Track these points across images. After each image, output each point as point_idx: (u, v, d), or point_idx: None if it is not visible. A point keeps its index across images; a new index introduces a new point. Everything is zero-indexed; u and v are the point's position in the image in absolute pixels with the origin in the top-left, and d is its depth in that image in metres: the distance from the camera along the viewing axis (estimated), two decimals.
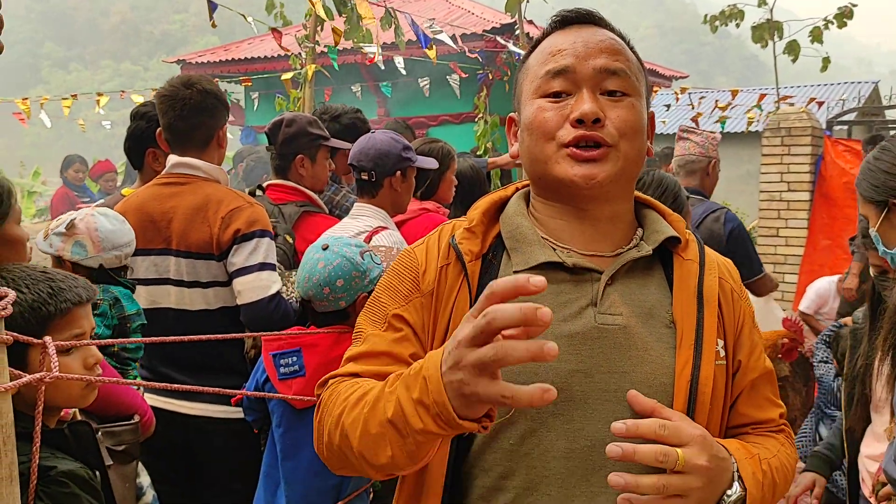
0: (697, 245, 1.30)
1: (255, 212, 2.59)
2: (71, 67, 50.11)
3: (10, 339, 1.11)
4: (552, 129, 1.21)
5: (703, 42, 59.09)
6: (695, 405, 1.18)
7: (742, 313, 1.31)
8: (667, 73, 13.95)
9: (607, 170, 1.20)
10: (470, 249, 1.26)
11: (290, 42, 6.31)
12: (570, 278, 1.23)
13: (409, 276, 1.28)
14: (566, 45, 1.23)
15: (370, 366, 1.22)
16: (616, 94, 1.22)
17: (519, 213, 1.30)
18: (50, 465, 1.25)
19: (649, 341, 1.20)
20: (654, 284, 1.26)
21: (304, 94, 4.99)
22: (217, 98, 2.71)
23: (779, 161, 7.00)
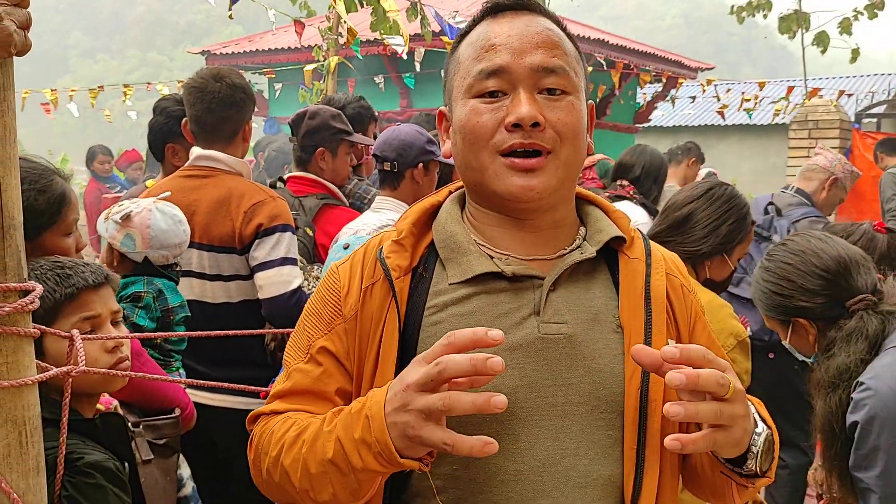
0: (643, 242, 1.23)
1: (277, 206, 2.60)
2: (97, 57, 50.63)
3: (37, 333, 1.13)
4: (487, 134, 1.13)
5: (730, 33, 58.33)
6: (646, 413, 1.12)
7: (694, 308, 1.25)
8: (692, 64, 13.79)
9: (545, 180, 1.13)
10: (398, 264, 1.17)
11: (314, 33, 6.33)
12: (509, 287, 1.16)
13: (332, 300, 1.21)
14: (500, 40, 1.14)
15: (295, 405, 1.19)
16: (555, 92, 1.14)
17: (452, 220, 1.22)
18: (77, 456, 1.28)
19: (596, 349, 1.14)
20: (599, 287, 1.19)
21: (327, 86, 5.00)
22: (245, 92, 2.73)
23: (806, 154, 6.91)
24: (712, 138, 17.36)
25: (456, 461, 1.11)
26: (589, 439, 1.12)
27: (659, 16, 68.58)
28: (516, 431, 1.10)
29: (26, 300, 1.09)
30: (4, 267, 1.07)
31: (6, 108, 1.05)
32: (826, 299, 1.92)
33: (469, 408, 0.92)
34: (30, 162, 1.80)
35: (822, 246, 1.97)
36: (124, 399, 1.97)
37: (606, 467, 1.12)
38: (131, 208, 2.30)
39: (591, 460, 1.11)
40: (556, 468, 1.10)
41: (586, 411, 1.12)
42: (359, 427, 1.01)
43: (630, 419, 1.12)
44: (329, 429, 1.06)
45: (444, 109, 1.26)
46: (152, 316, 2.29)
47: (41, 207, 1.74)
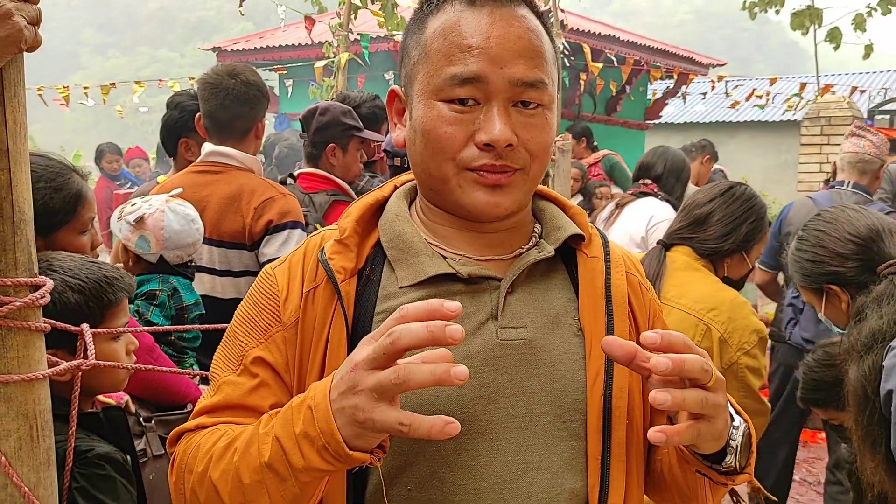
0: (601, 240, 1.17)
1: (287, 203, 2.61)
2: (109, 54, 50.86)
3: (47, 328, 1.14)
4: (454, 147, 1.04)
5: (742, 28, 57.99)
6: (610, 420, 1.06)
7: (652, 307, 1.19)
8: (703, 60, 13.73)
9: (512, 197, 1.06)
10: (343, 266, 1.07)
11: (324, 29, 6.34)
12: (465, 289, 1.07)
13: (269, 306, 1.10)
14: (477, 40, 1.02)
15: (224, 419, 1.07)
16: (530, 105, 1.05)
17: (400, 217, 1.12)
18: (87, 448, 1.29)
19: (556, 355, 1.07)
20: (558, 288, 1.12)
21: (337, 82, 5.01)
22: (259, 90, 2.73)
23: (818, 151, 6.87)
24: (723, 135, 17.27)
25: (411, 481, 1.03)
26: (552, 451, 1.06)
27: (670, 11, 68.26)
28: (475, 447, 1.03)
29: (37, 295, 1.10)
30: (15, 262, 1.08)
31: (17, 103, 1.06)
32: (858, 264, 1.96)
33: (427, 378, 0.81)
34: (48, 159, 1.80)
35: (856, 215, 2.02)
36: (137, 394, 1.98)
37: (570, 480, 1.06)
38: (144, 210, 2.31)
39: (555, 473, 1.05)
40: (518, 483, 1.04)
41: (549, 421, 1.06)
42: (300, 420, 0.90)
43: (593, 427, 1.06)
44: (265, 430, 0.95)
45: (397, 89, 1.14)
46: (167, 314, 2.30)
47: (57, 205, 1.75)
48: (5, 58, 1.01)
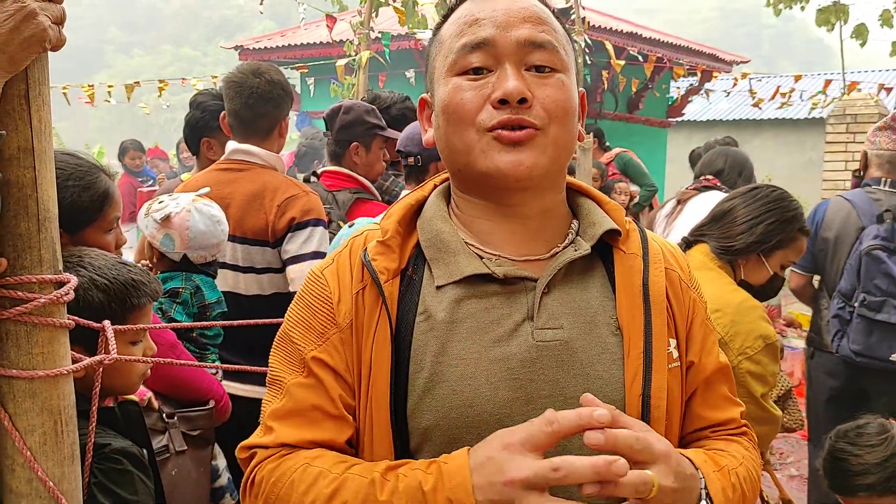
0: (640, 235, 1.16)
1: (310, 200, 2.63)
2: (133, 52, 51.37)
3: (71, 324, 1.15)
4: (472, 112, 1.06)
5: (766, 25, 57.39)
6: (648, 419, 1.06)
7: (692, 304, 1.17)
8: (727, 57, 13.59)
9: (534, 156, 1.05)
10: (385, 267, 1.10)
11: (346, 28, 6.35)
12: (501, 290, 1.08)
13: (323, 308, 1.12)
14: (484, 14, 1.08)
15: (299, 429, 1.09)
16: (544, 69, 1.07)
17: (438, 217, 1.14)
18: (104, 443, 1.30)
19: (594, 355, 1.07)
20: (595, 286, 1.12)
21: (358, 80, 5.02)
22: (283, 89, 2.75)
23: (843, 149, 6.78)
24: (747, 133, 17.10)
25: None
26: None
27: (694, 8, 67.69)
28: None
29: (61, 291, 1.11)
30: (40, 259, 1.09)
31: (41, 102, 1.07)
32: None
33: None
34: (77, 158, 1.83)
35: None
36: (159, 390, 2.00)
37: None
38: (171, 208, 2.33)
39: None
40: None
41: None
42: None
43: None
44: (387, 499, 0.97)
45: (425, 96, 1.19)
46: (189, 311, 2.32)
47: (84, 204, 1.77)
48: (30, 57, 1.02)
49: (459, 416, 1.04)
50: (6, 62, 0.98)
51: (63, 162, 1.76)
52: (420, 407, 1.06)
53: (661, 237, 1.26)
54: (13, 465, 1.11)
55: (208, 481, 2.05)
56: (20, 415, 1.10)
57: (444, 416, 1.04)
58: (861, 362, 3.26)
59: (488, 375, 1.05)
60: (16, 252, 1.08)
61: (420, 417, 1.06)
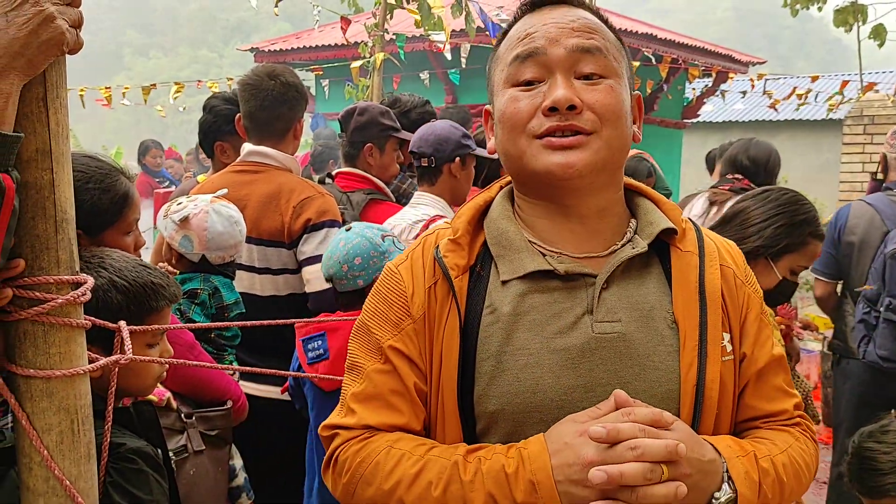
0: (696, 234, 1.22)
1: (325, 202, 2.64)
2: (151, 54, 51.77)
3: (88, 324, 1.16)
4: (524, 119, 1.14)
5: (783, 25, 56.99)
6: (701, 409, 1.13)
7: (746, 300, 1.23)
8: (743, 58, 13.50)
9: (586, 157, 1.12)
10: (456, 263, 1.18)
11: (360, 30, 6.37)
12: (562, 286, 1.16)
13: (398, 301, 1.21)
14: (536, 28, 1.16)
15: (378, 412, 1.18)
16: (592, 77, 1.14)
17: (503, 217, 1.22)
18: (120, 442, 1.31)
19: (650, 346, 1.14)
20: (652, 282, 1.18)
21: (373, 82, 5.04)
22: (298, 91, 2.77)
23: (861, 150, 6.74)
24: (763, 134, 16.91)
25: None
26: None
27: (709, 9, 67.31)
28: None
29: (78, 292, 1.13)
30: (57, 260, 1.10)
31: (59, 105, 1.08)
32: None
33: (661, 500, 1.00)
34: (97, 161, 1.84)
35: None
36: (178, 391, 2.01)
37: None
38: (189, 210, 2.34)
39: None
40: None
41: None
42: (520, 490, 1.04)
43: (685, 416, 1.12)
44: (470, 479, 1.07)
45: (488, 108, 1.28)
46: (207, 312, 2.33)
47: (104, 206, 1.78)
48: (48, 60, 1.03)
49: (523, 402, 1.12)
50: (24, 65, 1.00)
51: (83, 164, 1.77)
52: (487, 393, 1.14)
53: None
54: (30, 463, 1.12)
55: (226, 481, 2.06)
56: (37, 414, 1.11)
57: (509, 401, 1.12)
58: (888, 368, 3.22)
59: (550, 364, 1.12)
60: (34, 253, 1.09)
61: (487, 403, 1.14)
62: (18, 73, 0.99)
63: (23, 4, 0.98)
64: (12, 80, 0.99)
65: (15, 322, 1.10)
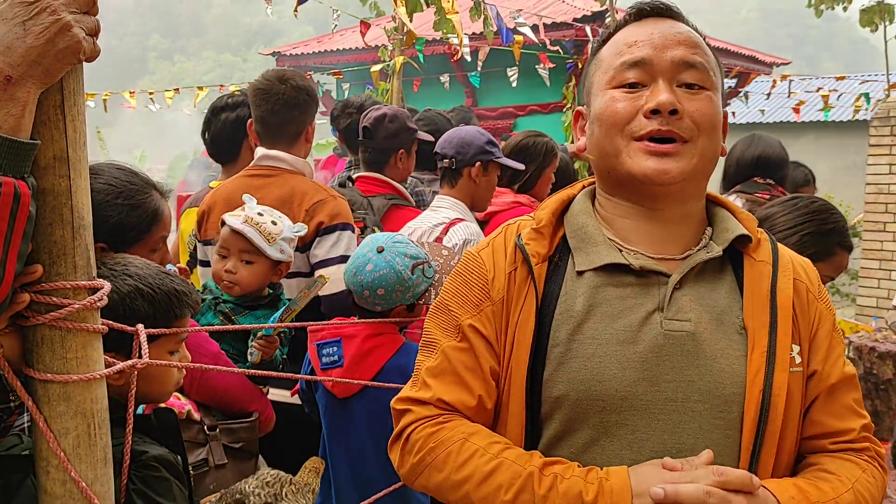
0: (770, 245, 1.25)
1: (338, 205, 2.64)
2: (175, 59, 52.32)
3: (104, 329, 1.17)
4: (624, 119, 1.18)
5: (809, 25, 56.32)
6: (767, 415, 1.14)
7: (818, 316, 1.24)
8: (767, 59, 13.37)
9: (682, 165, 1.16)
10: (537, 251, 1.24)
11: (381, 33, 6.39)
12: (636, 282, 1.19)
13: (478, 283, 1.27)
14: (642, 37, 1.20)
15: (451, 387, 1.23)
16: (694, 86, 1.18)
17: (584, 212, 1.27)
18: (142, 450, 1.32)
19: (718, 349, 1.16)
20: (724, 287, 1.21)
21: (392, 86, 5.05)
22: (308, 94, 2.77)
23: (888, 152, 6.62)
24: (788, 136, 16.74)
25: (575, 444, 1.17)
26: (706, 437, 1.14)
27: (734, 9, 66.71)
28: (634, 422, 1.14)
29: (95, 297, 1.14)
30: (75, 266, 1.12)
31: (76, 112, 1.09)
32: None
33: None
34: (130, 175, 1.79)
35: None
36: (202, 401, 1.99)
37: (722, 464, 1.12)
38: (285, 222, 2.35)
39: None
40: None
41: (705, 409, 1.14)
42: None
43: (750, 420, 1.14)
44: (544, 493, 1.10)
45: (580, 109, 1.31)
46: None
47: (132, 223, 1.75)
48: (65, 69, 1.04)
49: (587, 389, 1.15)
50: (41, 74, 1.01)
51: (115, 178, 1.74)
52: (554, 377, 1.18)
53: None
54: (48, 466, 1.13)
55: None
56: (55, 417, 1.13)
57: (574, 388, 1.16)
58: None
59: (617, 356, 1.15)
60: (51, 259, 1.10)
61: (553, 387, 1.18)
62: (35, 81, 1.01)
63: (40, 14, 0.99)
64: (29, 89, 1.00)
65: (33, 327, 1.11)
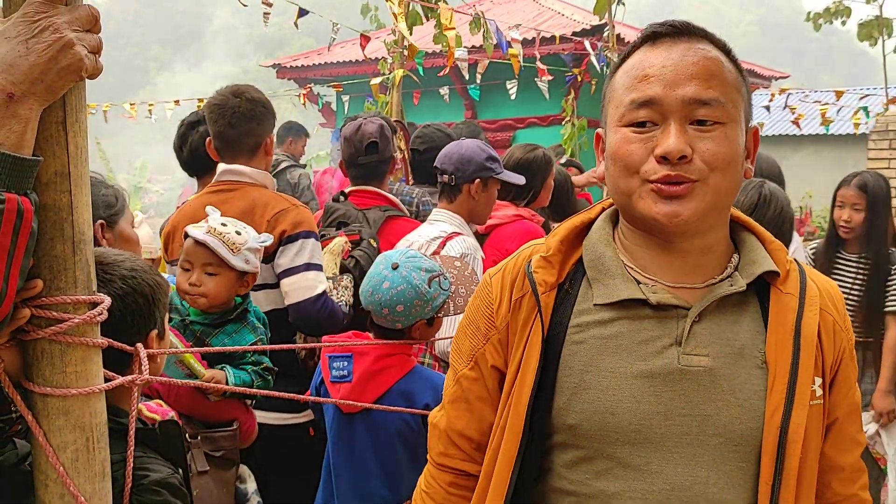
0: (799, 275, 1.21)
1: (300, 213, 2.64)
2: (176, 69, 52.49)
3: (104, 343, 1.18)
4: (636, 162, 1.15)
5: (808, 39, 56.53)
6: (784, 452, 1.13)
7: (842, 347, 1.22)
8: (766, 73, 13.43)
9: (692, 207, 1.12)
10: (544, 280, 1.22)
11: (380, 46, 6.42)
12: (653, 314, 1.17)
13: (486, 312, 1.28)
14: (654, 70, 1.14)
15: (463, 414, 1.29)
16: (706, 123, 1.13)
17: (603, 241, 1.24)
18: (143, 473, 1.30)
19: (737, 384, 1.15)
20: (747, 321, 1.18)
21: (392, 98, 5.07)
22: (264, 106, 2.77)
23: (886, 166, 6.64)
24: (786, 149, 16.81)
25: (589, 471, 1.17)
26: (720, 470, 1.14)
27: (733, 22, 66.97)
28: (648, 454, 1.14)
29: (95, 312, 1.14)
30: (75, 280, 1.12)
31: (78, 128, 1.11)
32: None
33: None
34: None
35: None
36: (182, 411, 2.01)
37: (736, 499, 1.14)
38: (250, 233, 2.35)
39: (721, 489, 1.14)
40: (686, 493, 1.13)
41: (720, 443, 1.14)
42: None
43: (768, 455, 1.13)
44: None
45: (600, 132, 1.29)
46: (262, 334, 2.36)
47: (111, 200, 1.89)
48: (67, 86, 1.06)
49: (601, 420, 1.15)
50: (44, 91, 1.02)
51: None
52: (567, 407, 1.18)
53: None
54: (46, 480, 1.13)
55: (233, 502, 2.06)
56: (54, 431, 1.13)
57: (587, 418, 1.16)
58: None
59: (632, 389, 1.15)
60: (51, 273, 1.11)
61: (566, 416, 1.18)
62: (38, 98, 1.02)
63: (43, 32, 1.01)
64: (31, 106, 1.01)
65: (33, 341, 1.12)
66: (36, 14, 1.01)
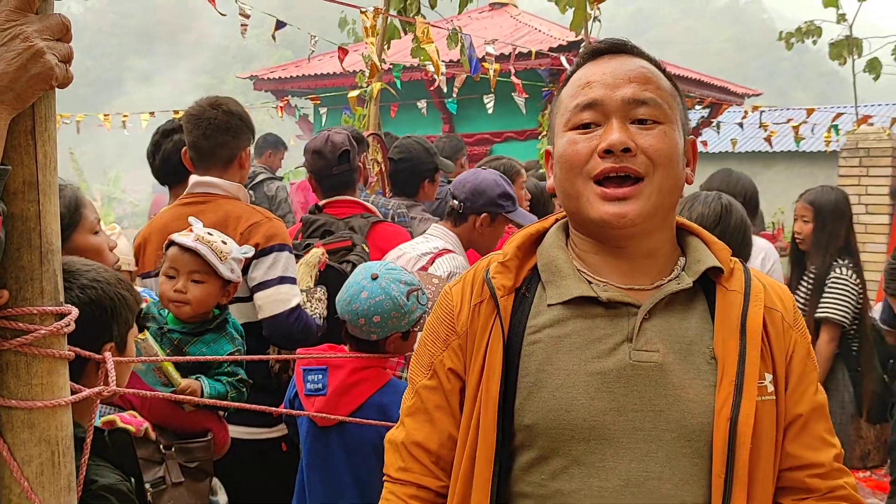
0: (743, 274, 1.26)
1: (273, 226, 2.63)
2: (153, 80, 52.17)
3: (71, 355, 1.16)
4: (581, 161, 1.20)
5: (780, 57, 57.48)
6: (735, 444, 1.15)
7: (793, 343, 1.25)
8: (739, 90, 13.62)
9: (638, 207, 1.18)
10: (503, 284, 1.26)
11: (358, 59, 6.44)
12: (604, 313, 1.22)
13: (446, 319, 1.31)
14: (595, 77, 1.23)
15: (423, 426, 1.30)
16: (646, 122, 1.20)
17: (556, 246, 1.29)
18: (92, 479, 1.29)
19: (687, 378, 1.18)
20: (695, 317, 1.23)
21: (370, 111, 5.08)
22: (241, 119, 2.76)
23: (856, 182, 6.77)
24: (759, 165, 17.05)
25: (545, 472, 1.19)
26: (674, 465, 1.16)
27: (707, 40, 67.93)
28: (603, 451, 1.17)
29: (61, 323, 1.13)
30: (42, 291, 1.11)
31: (47, 137, 1.09)
32: None
33: None
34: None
35: None
36: (156, 422, 2.00)
37: (690, 494, 1.16)
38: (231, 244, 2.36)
39: (675, 485, 1.16)
40: (640, 489, 1.15)
41: (673, 438, 1.17)
42: None
43: (719, 448, 1.15)
44: None
45: (549, 148, 1.35)
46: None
47: (62, 211, 1.85)
48: (37, 94, 1.05)
49: (557, 419, 1.18)
50: (13, 99, 1.01)
51: None
52: (524, 407, 1.21)
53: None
54: (10, 495, 1.11)
55: None
56: (18, 445, 1.11)
57: (544, 416, 1.19)
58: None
59: (585, 386, 1.18)
60: (18, 284, 1.09)
61: (524, 416, 1.21)
62: (7, 106, 1.01)
63: (13, 40, 1.00)
64: (0, 114, 1.00)
65: None
66: (6, 22, 1.00)
